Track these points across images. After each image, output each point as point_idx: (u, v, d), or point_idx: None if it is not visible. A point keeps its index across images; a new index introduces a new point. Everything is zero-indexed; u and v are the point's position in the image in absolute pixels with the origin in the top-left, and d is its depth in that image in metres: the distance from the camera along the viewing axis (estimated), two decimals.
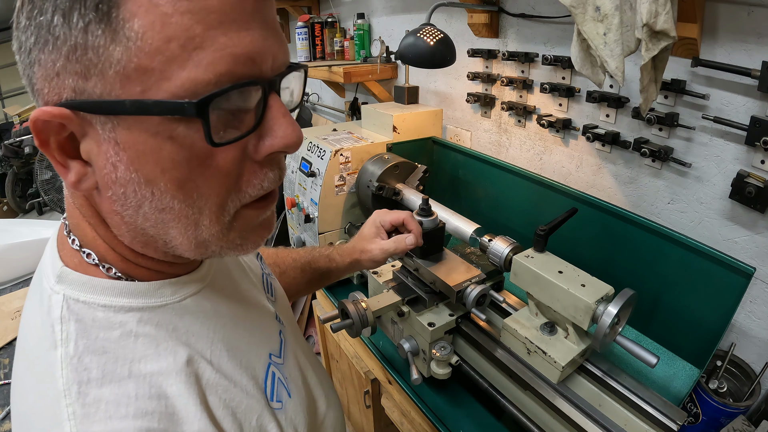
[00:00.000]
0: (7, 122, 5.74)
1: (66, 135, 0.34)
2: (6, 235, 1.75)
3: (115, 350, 0.38)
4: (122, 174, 0.34)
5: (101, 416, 0.34)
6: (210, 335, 0.45)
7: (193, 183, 0.35)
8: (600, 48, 0.82)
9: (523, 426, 0.91)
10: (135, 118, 0.32)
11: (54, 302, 0.39)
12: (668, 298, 0.96)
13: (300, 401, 0.53)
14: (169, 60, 0.30)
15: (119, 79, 0.31)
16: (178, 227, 0.37)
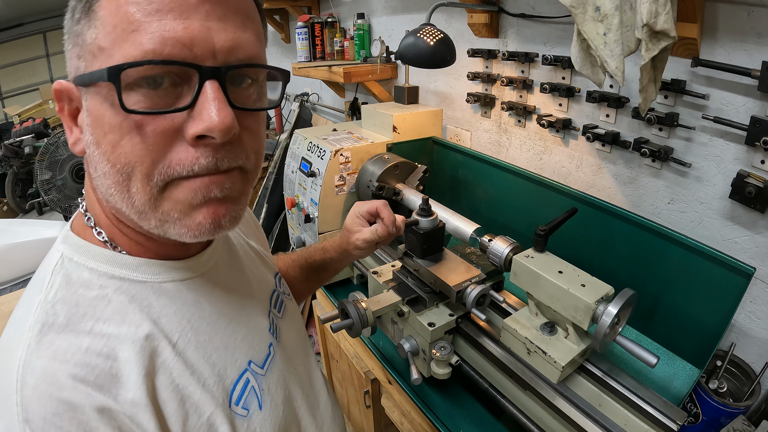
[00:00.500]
0: (7, 122, 5.74)
1: (74, 105, 0.42)
2: (6, 235, 1.75)
3: (86, 307, 0.42)
4: (87, 137, 0.41)
5: (47, 354, 0.39)
6: (182, 322, 0.47)
7: (122, 148, 0.39)
8: (600, 48, 0.82)
9: (523, 426, 0.91)
10: (93, 88, 0.39)
11: (53, 257, 0.45)
12: (668, 298, 0.96)
13: (272, 418, 0.52)
14: (115, 40, 0.37)
15: (90, 57, 0.39)
16: (119, 193, 0.41)
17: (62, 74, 6.93)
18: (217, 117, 0.38)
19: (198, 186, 0.41)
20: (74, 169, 3.89)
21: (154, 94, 0.38)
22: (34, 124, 4.64)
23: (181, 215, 0.42)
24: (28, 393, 0.37)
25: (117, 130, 0.38)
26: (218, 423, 0.46)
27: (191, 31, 0.37)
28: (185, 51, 0.37)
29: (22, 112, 5.51)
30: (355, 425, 1.72)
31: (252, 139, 0.44)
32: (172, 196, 0.41)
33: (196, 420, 0.44)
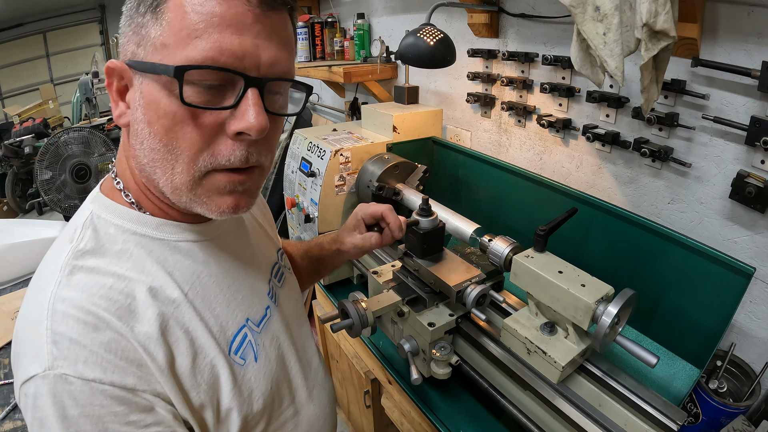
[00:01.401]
0: (7, 122, 5.74)
1: (123, 83, 0.48)
2: (6, 235, 1.75)
3: (111, 257, 0.50)
4: (138, 115, 0.47)
5: (76, 289, 0.46)
6: (192, 277, 0.54)
7: (174, 133, 0.46)
8: (600, 48, 0.82)
9: (523, 426, 0.91)
10: (152, 75, 0.45)
11: (83, 213, 0.53)
12: (668, 298, 0.96)
13: (265, 371, 0.59)
14: (178, 42, 0.43)
15: (152, 50, 0.45)
16: (161, 168, 0.48)
17: (62, 74, 6.92)
18: (255, 120, 0.45)
19: (228, 179, 0.49)
20: (74, 169, 3.88)
21: (206, 91, 0.45)
22: (34, 124, 4.64)
23: (209, 199, 0.50)
24: (57, 318, 0.44)
25: (171, 116, 0.45)
26: (219, 366, 0.53)
27: (244, 46, 0.44)
28: (237, 61, 0.44)
29: (22, 112, 5.51)
30: (355, 425, 1.72)
31: (272, 139, 0.52)
32: (207, 184, 0.49)
33: (203, 359, 0.52)
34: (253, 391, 0.57)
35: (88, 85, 5.27)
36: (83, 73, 5.72)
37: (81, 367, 0.43)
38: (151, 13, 0.44)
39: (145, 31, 0.45)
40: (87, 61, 6.30)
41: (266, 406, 0.59)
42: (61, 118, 5.70)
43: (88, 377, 0.43)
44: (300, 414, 0.66)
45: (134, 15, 0.46)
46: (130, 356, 0.46)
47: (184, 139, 0.46)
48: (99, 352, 0.44)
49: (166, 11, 0.43)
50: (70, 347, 0.43)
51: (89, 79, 5.33)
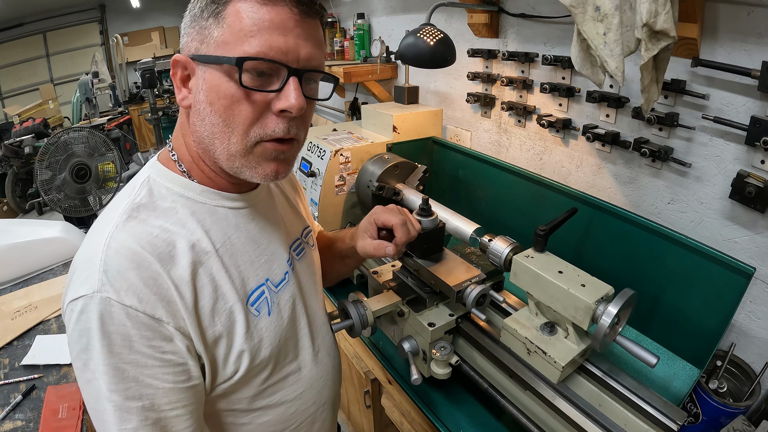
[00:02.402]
0: (7, 122, 5.73)
1: (185, 73, 0.60)
2: (6, 235, 1.75)
3: (161, 211, 0.61)
4: (201, 97, 0.58)
5: (128, 232, 0.57)
6: (224, 237, 0.65)
7: (230, 110, 0.57)
8: (600, 48, 0.82)
9: (523, 426, 0.91)
10: (215, 66, 0.56)
11: (141, 176, 0.64)
12: (668, 298, 0.96)
13: (276, 326, 0.69)
14: (237, 40, 0.55)
15: (214, 46, 0.56)
16: (219, 139, 0.59)
17: (62, 74, 6.89)
18: (295, 101, 0.57)
19: (274, 147, 0.60)
20: (74, 169, 3.88)
21: (258, 78, 0.56)
22: (34, 124, 4.63)
23: (257, 164, 0.61)
24: (110, 253, 0.54)
25: (230, 97, 0.56)
26: (236, 313, 0.63)
27: (288, 44, 0.56)
28: (281, 55, 0.56)
29: (22, 112, 5.51)
30: (355, 425, 1.72)
31: (307, 119, 0.64)
32: (257, 151, 0.60)
33: (223, 305, 0.62)
34: (263, 339, 0.66)
35: (88, 85, 5.27)
36: (83, 73, 5.71)
37: (122, 295, 0.53)
38: (214, 17, 0.55)
39: (208, 32, 0.56)
40: (87, 61, 6.29)
41: (272, 356, 0.68)
42: (61, 118, 5.70)
43: (125, 303, 0.53)
44: (302, 371, 0.76)
45: (198, 19, 0.57)
46: (162, 293, 0.56)
47: (240, 115, 0.57)
48: (138, 285, 0.54)
49: (227, 17, 0.55)
50: (116, 277, 0.53)
51: (89, 79, 5.33)
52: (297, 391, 0.75)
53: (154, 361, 0.55)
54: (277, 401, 0.72)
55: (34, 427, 1.06)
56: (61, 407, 1.11)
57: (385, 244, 0.84)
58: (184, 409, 0.58)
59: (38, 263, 1.76)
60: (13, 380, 1.20)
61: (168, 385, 0.56)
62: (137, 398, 0.54)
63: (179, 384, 0.57)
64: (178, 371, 0.57)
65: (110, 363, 0.53)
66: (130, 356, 0.53)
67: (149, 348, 0.54)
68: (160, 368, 0.55)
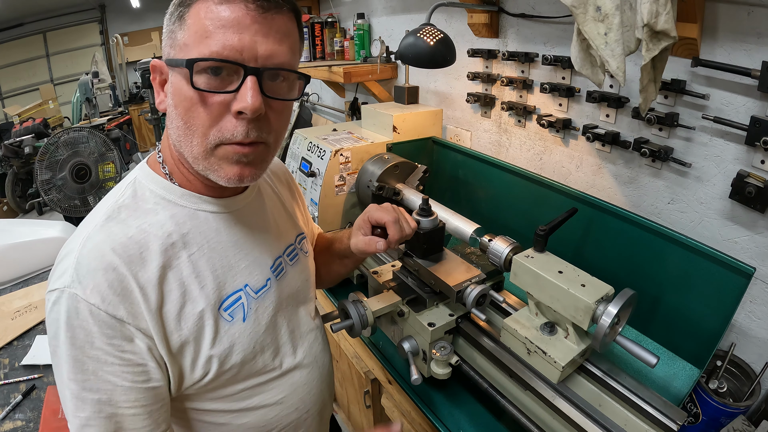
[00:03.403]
0: (7, 122, 5.73)
1: (163, 77, 0.61)
2: (6, 235, 1.75)
3: (141, 212, 0.62)
4: (169, 100, 0.60)
5: (104, 233, 0.59)
6: (202, 241, 0.65)
7: (190, 113, 0.57)
8: (601, 48, 0.82)
9: (523, 426, 0.91)
10: (177, 69, 0.57)
11: (131, 176, 0.66)
12: (668, 298, 0.96)
13: (251, 333, 0.69)
14: (194, 41, 0.55)
15: (177, 49, 0.57)
16: (184, 141, 0.59)
17: (62, 74, 6.89)
18: (250, 101, 0.55)
19: (234, 151, 0.59)
20: (74, 169, 3.88)
21: (214, 79, 0.56)
22: (34, 124, 4.63)
23: (219, 167, 0.60)
24: (84, 252, 0.57)
25: (189, 99, 0.56)
26: (206, 318, 0.64)
27: (243, 42, 0.54)
28: (237, 54, 0.55)
29: (22, 112, 5.51)
30: (355, 425, 1.72)
31: (276, 119, 0.62)
32: (218, 154, 0.59)
33: (191, 309, 0.62)
34: (234, 345, 0.67)
35: (88, 85, 5.27)
36: (83, 73, 5.71)
37: (88, 292, 0.55)
38: (178, 21, 0.57)
39: (175, 35, 0.57)
40: (87, 61, 6.29)
41: (246, 361, 0.69)
42: (61, 118, 5.70)
43: (90, 301, 0.55)
44: (284, 377, 0.76)
45: (169, 23, 0.58)
46: (126, 294, 0.57)
47: (197, 118, 0.57)
48: (103, 285, 0.56)
49: (188, 19, 0.56)
50: (85, 275, 0.56)
51: (89, 79, 5.32)
52: (277, 396, 0.75)
53: (113, 359, 0.57)
54: (256, 404, 0.73)
55: (34, 427, 1.06)
56: (61, 407, 1.11)
57: (375, 239, 0.83)
58: (142, 408, 0.60)
59: (38, 263, 1.77)
60: (13, 380, 1.20)
61: (126, 384, 0.58)
62: (93, 391, 0.57)
63: (138, 384, 0.59)
64: (138, 371, 0.59)
65: (71, 354, 0.56)
66: (91, 351, 0.56)
67: (109, 346, 0.57)
68: (119, 366, 0.57)
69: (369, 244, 0.84)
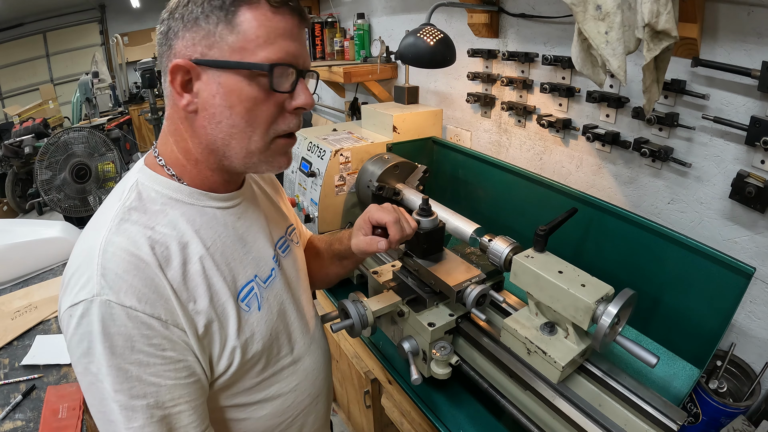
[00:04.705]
0: (7, 122, 5.73)
1: (186, 78, 0.60)
2: (6, 235, 1.75)
3: (151, 214, 0.62)
4: (217, 101, 0.60)
5: (123, 235, 0.58)
6: (214, 236, 0.67)
7: (253, 112, 0.61)
8: (602, 47, 0.82)
9: (523, 426, 0.91)
10: (236, 71, 0.59)
11: (130, 180, 0.66)
12: (668, 298, 0.96)
13: (266, 320, 0.71)
14: (255, 46, 0.59)
15: (229, 51, 0.58)
16: (238, 139, 0.62)
17: (62, 74, 6.87)
18: (309, 98, 0.64)
19: (285, 143, 0.66)
20: (74, 169, 3.88)
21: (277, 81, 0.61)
22: (34, 124, 4.63)
23: (273, 159, 0.66)
24: (108, 257, 0.56)
25: (252, 99, 0.60)
26: (229, 309, 0.65)
27: (297, 49, 0.62)
28: (294, 59, 0.61)
29: (22, 112, 5.51)
30: (355, 425, 1.72)
31: None
32: (273, 147, 0.65)
33: (217, 301, 0.64)
34: (255, 333, 0.69)
35: (88, 85, 5.27)
36: (83, 73, 5.71)
37: (122, 296, 0.55)
38: (225, 24, 0.58)
39: (219, 37, 0.58)
40: (87, 61, 6.28)
41: (265, 349, 0.71)
42: (61, 118, 5.70)
43: (126, 304, 0.55)
44: (297, 363, 0.78)
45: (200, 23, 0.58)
46: (160, 292, 0.58)
47: (262, 115, 0.62)
48: (137, 285, 0.56)
49: (240, 24, 0.58)
50: (115, 280, 0.55)
51: (89, 79, 5.32)
52: (293, 383, 0.77)
53: (155, 359, 0.57)
54: (273, 394, 0.75)
55: (34, 427, 1.06)
56: (61, 407, 1.11)
57: (377, 239, 0.84)
58: (187, 404, 0.60)
59: (38, 263, 1.76)
60: (13, 380, 1.20)
61: (170, 382, 0.58)
62: (142, 396, 0.56)
63: (180, 380, 0.59)
64: (180, 368, 0.59)
65: (114, 364, 0.54)
66: (132, 356, 0.55)
67: (150, 347, 0.56)
68: (161, 366, 0.57)
69: (370, 244, 0.84)
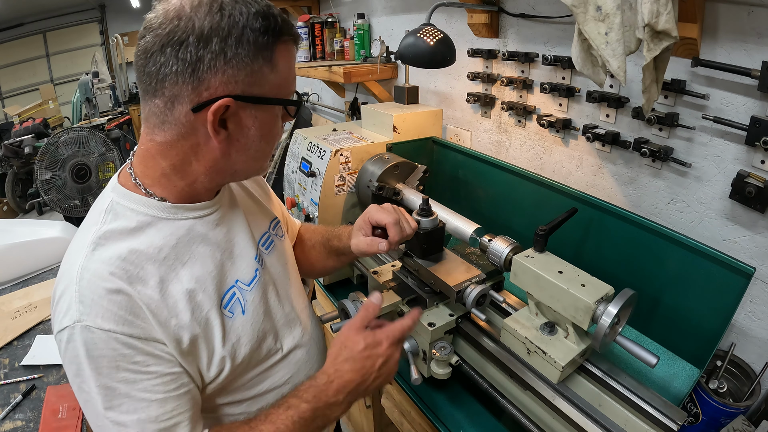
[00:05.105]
0: (7, 122, 5.73)
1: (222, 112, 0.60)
2: (6, 235, 1.75)
3: (127, 234, 0.63)
4: (252, 133, 0.64)
5: (98, 260, 0.60)
6: (192, 248, 0.68)
7: (275, 137, 0.69)
8: (601, 48, 0.82)
9: (523, 426, 0.91)
10: (272, 107, 0.65)
11: (104, 200, 0.67)
12: (668, 298, 0.96)
13: (252, 323, 0.72)
14: (289, 83, 0.66)
15: (268, 88, 0.63)
16: (260, 160, 0.69)
17: (62, 74, 6.89)
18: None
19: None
20: (74, 169, 3.88)
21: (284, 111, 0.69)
22: (34, 124, 4.63)
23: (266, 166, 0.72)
24: (84, 284, 0.58)
25: (278, 129, 0.68)
26: (212, 318, 0.67)
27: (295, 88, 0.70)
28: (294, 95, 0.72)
29: (22, 112, 5.51)
30: (355, 425, 1.72)
31: None
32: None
33: (199, 313, 0.65)
34: (241, 338, 0.70)
35: (88, 85, 5.27)
36: (83, 73, 5.71)
37: (99, 321, 0.57)
38: (267, 65, 0.62)
39: (261, 75, 0.61)
40: (87, 61, 6.29)
41: (253, 350, 0.72)
42: (61, 118, 5.70)
43: (104, 328, 0.57)
44: (288, 357, 0.80)
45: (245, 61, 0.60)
46: (136, 313, 0.59)
47: (276, 139, 0.70)
48: (113, 309, 0.58)
49: (278, 62, 0.63)
50: (91, 305, 0.57)
51: (89, 79, 5.33)
52: (285, 376, 0.79)
53: (142, 376, 0.59)
54: (267, 388, 0.77)
55: (34, 427, 1.06)
56: (61, 407, 1.11)
57: (377, 240, 0.85)
58: (181, 416, 0.62)
59: (38, 263, 1.77)
60: (13, 380, 1.20)
61: (160, 396, 0.60)
62: (132, 412, 0.59)
63: (171, 393, 0.61)
64: (167, 380, 0.61)
65: (101, 383, 0.57)
66: (119, 374, 0.58)
67: (134, 364, 0.59)
68: (148, 381, 0.59)
69: (371, 245, 0.86)
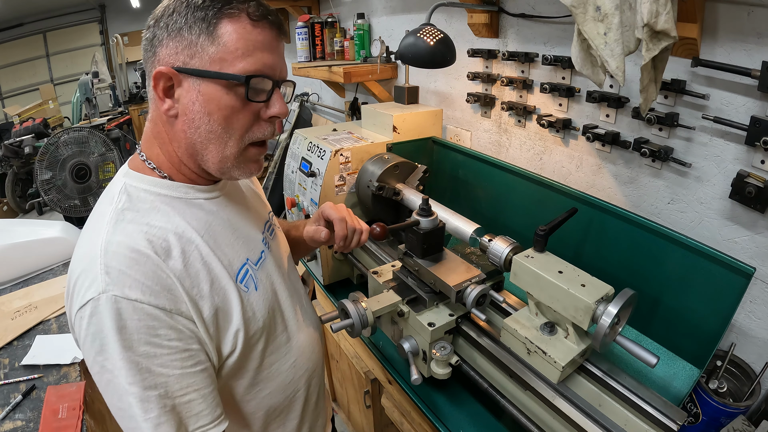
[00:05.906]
0: (7, 122, 5.73)
1: (168, 84, 0.63)
2: (6, 235, 1.75)
3: (143, 212, 0.65)
4: (197, 108, 0.63)
5: (121, 234, 0.61)
6: (205, 225, 0.70)
7: (230, 119, 0.65)
8: (600, 48, 0.82)
9: (523, 426, 0.91)
10: (215, 80, 0.62)
11: (118, 184, 0.68)
12: (668, 298, 0.96)
13: (263, 299, 0.75)
14: (234, 58, 0.62)
15: (210, 61, 0.62)
16: (215, 144, 0.66)
17: (62, 74, 6.89)
18: (284, 107, 0.68)
19: (257, 151, 0.71)
20: (74, 169, 3.88)
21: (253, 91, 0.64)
22: (34, 124, 4.63)
23: (245, 165, 0.70)
24: (110, 255, 0.59)
25: (230, 108, 0.64)
26: (230, 291, 0.69)
27: (274, 61, 0.66)
28: (270, 71, 0.65)
29: (22, 112, 5.51)
30: (355, 425, 1.72)
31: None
32: (245, 154, 0.69)
33: (218, 284, 0.67)
34: (255, 313, 0.72)
35: (88, 85, 5.27)
36: (83, 73, 5.71)
37: (126, 290, 0.57)
38: (206, 35, 0.61)
39: (200, 48, 0.61)
40: (87, 61, 6.29)
41: (264, 327, 0.74)
42: (61, 118, 5.70)
43: (131, 297, 0.57)
44: (291, 340, 0.82)
45: (183, 34, 0.62)
46: (163, 283, 0.60)
47: (238, 123, 0.66)
48: (140, 279, 0.58)
49: (221, 36, 0.62)
50: (118, 275, 0.57)
51: (89, 79, 5.32)
52: (290, 360, 0.81)
53: (162, 350, 0.59)
54: (274, 372, 0.78)
55: (34, 427, 1.06)
56: (61, 407, 1.11)
57: (321, 228, 0.92)
58: (196, 392, 0.62)
59: (38, 263, 1.77)
60: (13, 380, 1.20)
61: (177, 372, 0.60)
62: (153, 387, 0.58)
63: (188, 369, 0.61)
64: (185, 357, 0.61)
65: (125, 357, 0.57)
66: (141, 348, 0.58)
67: (156, 337, 0.59)
68: (168, 356, 0.60)
69: (316, 231, 0.92)
